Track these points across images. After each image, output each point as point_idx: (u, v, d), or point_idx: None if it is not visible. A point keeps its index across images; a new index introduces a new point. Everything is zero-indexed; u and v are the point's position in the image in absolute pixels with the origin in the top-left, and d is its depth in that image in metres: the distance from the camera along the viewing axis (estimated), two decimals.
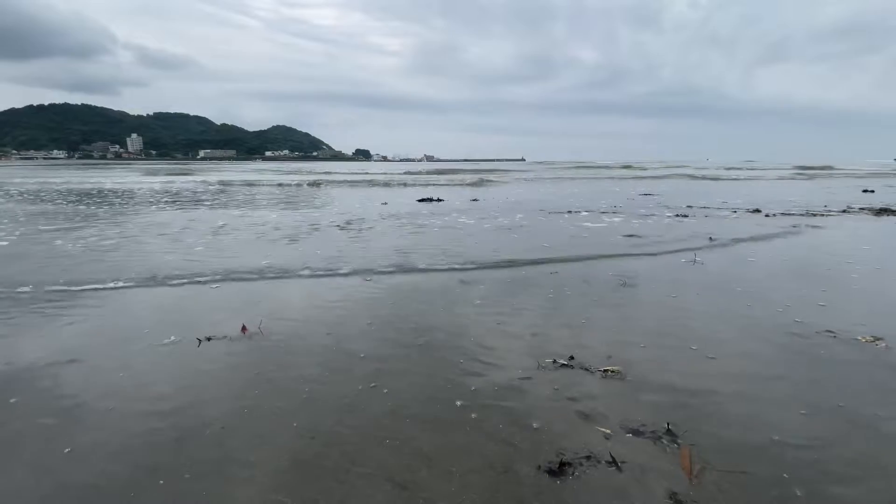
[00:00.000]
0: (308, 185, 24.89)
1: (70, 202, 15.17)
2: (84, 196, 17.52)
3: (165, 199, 16.24)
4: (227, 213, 12.10)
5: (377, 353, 3.45)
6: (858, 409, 2.68)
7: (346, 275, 5.69)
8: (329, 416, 2.63)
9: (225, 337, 3.72)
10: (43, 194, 18.34)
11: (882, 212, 11.89)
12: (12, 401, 2.80)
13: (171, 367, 3.24)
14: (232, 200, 16.02)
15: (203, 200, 15.91)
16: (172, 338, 3.69)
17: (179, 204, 14.75)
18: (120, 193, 18.94)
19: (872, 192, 18.95)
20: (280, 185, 24.88)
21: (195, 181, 28.16)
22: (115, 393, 2.88)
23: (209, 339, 3.67)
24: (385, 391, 2.91)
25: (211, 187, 22.64)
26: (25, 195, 17.98)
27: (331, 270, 5.88)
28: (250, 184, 25.98)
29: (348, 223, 10.13)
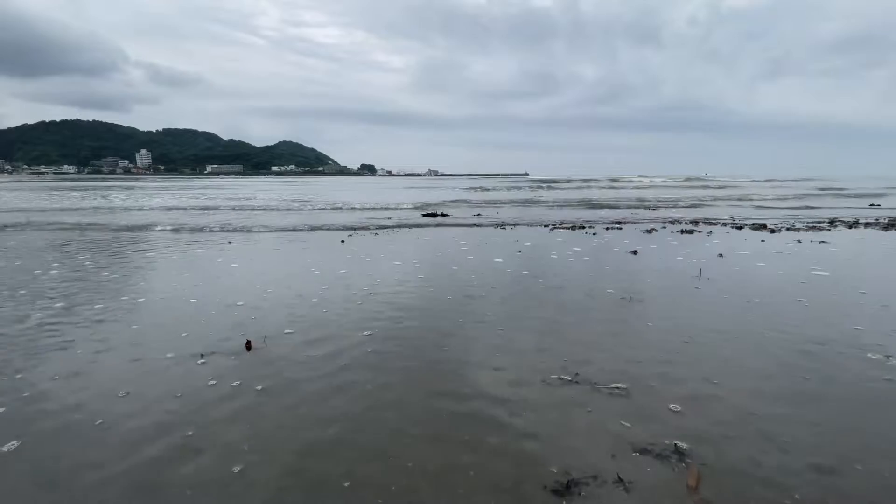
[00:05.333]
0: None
1: None
2: None
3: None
4: None
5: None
6: (874, 430, 2.63)
7: None
8: (331, 429, 2.61)
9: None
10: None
11: (890, 226, 11.81)
12: None
13: None
14: None
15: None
16: None
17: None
18: None
19: (878, 205, 18.96)
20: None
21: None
22: None
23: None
24: (385, 409, 2.89)
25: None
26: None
27: None
28: None
29: None
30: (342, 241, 9.76)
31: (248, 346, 3.82)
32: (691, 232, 11.01)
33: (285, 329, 4.25)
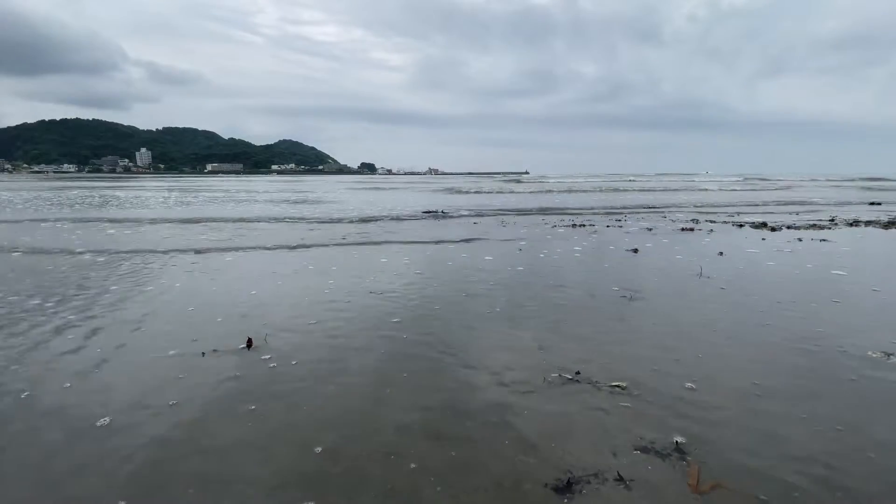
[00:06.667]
0: None
1: None
2: None
3: None
4: None
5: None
6: (872, 427, 2.63)
7: None
8: (332, 431, 2.61)
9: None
10: None
11: (890, 224, 11.79)
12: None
13: None
14: None
15: None
16: None
17: None
18: None
19: (879, 204, 18.98)
20: None
21: None
22: None
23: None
24: (386, 407, 2.89)
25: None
26: None
27: None
28: None
29: None
30: (343, 238, 9.81)
31: (249, 343, 3.82)
32: (691, 230, 11.02)
33: (282, 328, 4.26)
